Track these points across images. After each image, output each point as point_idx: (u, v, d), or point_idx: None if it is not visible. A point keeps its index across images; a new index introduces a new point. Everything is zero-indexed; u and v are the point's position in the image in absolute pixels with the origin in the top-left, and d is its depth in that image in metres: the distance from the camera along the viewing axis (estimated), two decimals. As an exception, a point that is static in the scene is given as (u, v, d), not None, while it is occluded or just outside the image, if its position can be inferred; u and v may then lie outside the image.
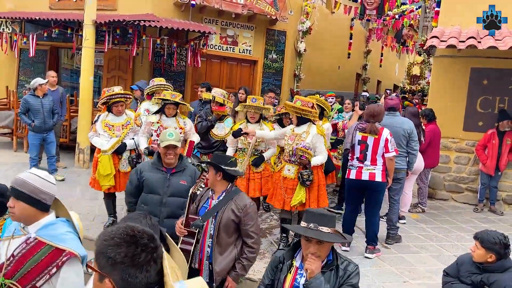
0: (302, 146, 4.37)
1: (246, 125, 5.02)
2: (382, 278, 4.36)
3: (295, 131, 4.59)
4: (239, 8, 9.67)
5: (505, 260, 3.09)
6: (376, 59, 18.45)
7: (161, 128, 4.77)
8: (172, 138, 3.44)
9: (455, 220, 6.43)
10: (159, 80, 5.91)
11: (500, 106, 7.03)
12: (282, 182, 4.61)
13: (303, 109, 4.44)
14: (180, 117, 5.00)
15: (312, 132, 4.50)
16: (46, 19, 8.33)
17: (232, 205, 2.99)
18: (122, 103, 5.09)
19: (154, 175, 3.54)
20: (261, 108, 5.01)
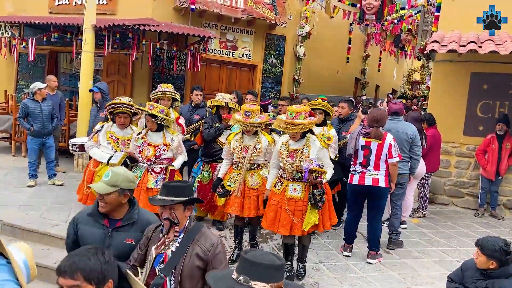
0: (316, 165, 3.89)
1: (241, 137, 4.45)
2: (384, 283, 4.33)
3: (291, 147, 4.02)
4: (239, 13, 9.67)
5: (508, 266, 3.06)
6: (375, 64, 18.49)
7: (145, 144, 4.33)
8: (104, 180, 2.63)
9: (456, 225, 6.41)
10: (165, 86, 5.63)
11: (500, 110, 7.03)
12: (287, 204, 4.00)
13: (306, 123, 3.85)
14: (168, 132, 4.42)
15: (315, 145, 3.99)
16: (45, 23, 8.30)
17: (196, 248, 2.42)
18: (127, 116, 4.67)
19: (91, 230, 2.69)
20: (255, 124, 4.28)
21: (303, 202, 3.98)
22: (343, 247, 4.99)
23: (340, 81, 14.95)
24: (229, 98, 5.31)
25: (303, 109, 3.92)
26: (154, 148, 4.30)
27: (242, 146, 4.38)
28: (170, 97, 5.54)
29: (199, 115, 6.08)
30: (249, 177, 4.41)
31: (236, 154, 4.41)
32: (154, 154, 4.29)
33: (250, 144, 4.36)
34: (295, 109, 3.91)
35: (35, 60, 9.17)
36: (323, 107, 5.16)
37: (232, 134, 4.58)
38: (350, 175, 4.82)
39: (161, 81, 9.35)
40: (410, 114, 6.24)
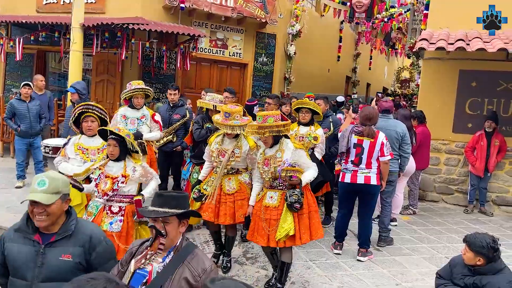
0: (287, 165, 3.68)
1: (222, 140, 4.17)
2: (374, 281, 4.34)
3: (266, 154, 3.82)
4: (229, 11, 9.64)
5: (495, 263, 3.08)
6: (366, 62, 18.57)
7: (102, 176, 3.59)
8: (42, 189, 2.22)
9: (445, 222, 6.45)
10: (136, 83, 5.39)
11: (488, 108, 7.09)
12: (263, 213, 3.79)
13: (278, 125, 3.68)
14: (131, 161, 3.66)
15: (288, 148, 3.77)
16: (33, 22, 8.22)
17: (186, 272, 2.09)
18: (94, 119, 4.07)
19: (19, 249, 2.28)
20: (233, 127, 3.99)
21: (278, 211, 3.72)
22: (334, 245, 5.00)
23: (331, 80, 14.99)
24: (219, 99, 5.10)
25: (272, 113, 3.79)
26: (111, 181, 3.56)
27: (220, 150, 4.10)
28: (144, 94, 5.34)
29: (179, 115, 5.94)
30: (226, 182, 4.13)
31: (214, 158, 4.12)
32: (111, 188, 3.54)
33: (229, 148, 4.08)
34: (263, 113, 3.81)
35: (23, 59, 9.08)
36: (309, 106, 5.09)
37: (214, 136, 4.30)
38: (341, 173, 4.82)
39: (151, 80, 9.33)
40: (400, 111, 6.26)
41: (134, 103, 5.31)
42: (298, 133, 5.14)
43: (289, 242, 3.72)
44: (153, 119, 5.35)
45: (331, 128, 5.61)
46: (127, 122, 5.25)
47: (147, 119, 5.32)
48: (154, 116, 5.38)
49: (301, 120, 5.18)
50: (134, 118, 5.29)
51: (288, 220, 3.65)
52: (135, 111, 5.31)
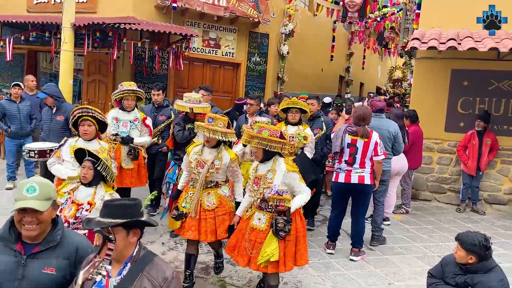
0: (275, 192, 3.36)
1: (201, 150, 3.88)
2: (367, 280, 4.34)
3: (258, 172, 3.59)
4: (221, 11, 9.61)
5: (487, 261, 3.09)
6: (359, 62, 18.60)
7: (69, 201, 3.31)
8: (32, 196, 2.08)
9: (438, 221, 6.47)
10: (128, 84, 5.14)
11: (480, 107, 7.13)
12: (248, 233, 3.55)
13: (272, 140, 3.43)
14: (102, 188, 3.35)
15: (280, 169, 3.49)
16: (23, 22, 8.14)
17: (145, 282, 2.00)
18: (90, 123, 3.97)
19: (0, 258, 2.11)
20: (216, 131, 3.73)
21: (264, 234, 3.47)
22: (327, 244, 4.99)
23: (325, 79, 14.99)
24: (197, 99, 4.83)
25: (270, 127, 3.60)
26: (76, 207, 3.28)
27: (199, 160, 3.81)
28: (135, 97, 5.12)
29: (164, 116, 5.75)
30: (205, 197, 3.83)
31: (192, 169, 3.83)
32: (74, 215, 3.25)
33: (209, 159, 3.79)
34: (261, 124, 3.65)
35: (13, 60, 8.99)
36: (300, 106, 5.05)
37: (193, 145, 4.05)
38: (335, 173, 4.82)
39: (143, 80, 9.28)
40: (393, 111, 6.28)
41: (124, 105, 5.09)
42: (287, 133, 4.97)
43: (271, 268, 3.45)
44: (144, 123, 5.17)
45: (324, 128, 5.57)
46: (119, 125, 5.05)
47: (139, 122, 5.15)
48: (145, 120, 5.20)
49: (291, 120, 5.10)
50: (126, 121, 5.09)
51: (272, 245, 3.41)
52: (127, 113, 5.12)
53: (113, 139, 4.99)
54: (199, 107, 4.77)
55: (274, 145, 3.46)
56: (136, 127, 5.11)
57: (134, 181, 5.09)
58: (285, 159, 3.60)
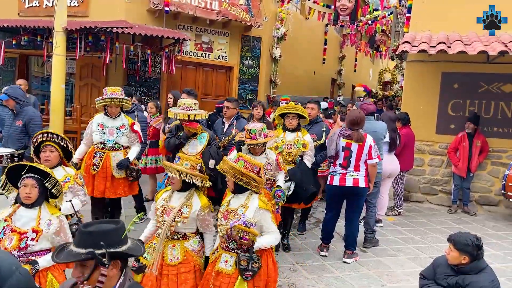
0: (242, 222, 3.01)
1: (170, 196, 3.36)
2: (360, 282, 4.37)
3: (230, 205, 3.21)
4: (214, 15, 9.65)
5: (479, 262, 3.13)
6: (351, 64, 18.72)
7: (7, 230, 2.76)
8: None
9: (430, 222, 6.53)
10: (111, 90, 4.66)
11: (470, 109, 7.22)
12: (213, 278, 3.11)
13: (244, 174, 3.10)
14: (46, 210, 2.88)
15: (253, 205, 3.12)
16: (15, 26, 8.11)
17: None
18: (53, 149, 3.51)
19: None
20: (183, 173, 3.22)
21: (232, 279, 3.05)
22: (320, 247, 5.02)
23: (317, 82, 15.08)
24: (188, 105, 4.50)
25: (250, 160, 3.21)
26: (18, 237, 2.76)
27: (166, 207, 3.27)
28: (119, 104, 4.68)
29: None
30: (169, 250, 3.26)
31: (157, 216, 3.29)
32: (18, 245, 2.74)
33: (176, 205, 3.26)
34: (241, 154, 3.36)
35: (5, 64, 8.96)
36: (296, 111, 4.80)
37: (162, 190, 3.52)
38: (329, 176, 4.83)
39: (136, 83, 9.27)
40: (386, 114, 6.34)
41: (108, 112, 4.68)
42: (285, 140, 4.82)
43: None
44: (132, 129, 4.76)
45: (322, 138, 5.26)
46: (105, 132, 4.67)
47: (127, 128, 4.74)
48: (133, 125, 4.77)
49: (288, 126, 4.86)
50: (113, 128, 4.68)
51: None
52: (113, 119, 4.70)
53: (101, 148, 4.66)
54: (194, 113, 4.47)
55: (245, 180, 3.12)
56: (124, 134, 4.73)
57: (127, 189, 4.85)
58: (260, 196, 3.23)
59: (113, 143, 4.68)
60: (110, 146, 4.68)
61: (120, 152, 4.72)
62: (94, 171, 4.61)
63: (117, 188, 4.73)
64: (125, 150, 4.77)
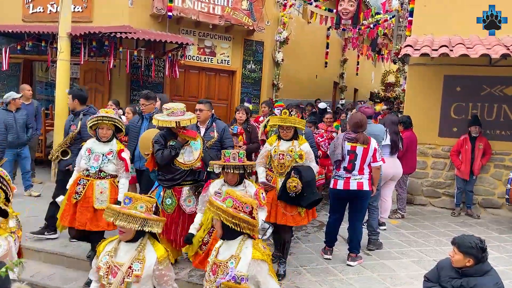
0: (230, 277, 2.56)
1: (116, 249, 2.75)
2: (364, 285, 4.38)
3: (219, 256, 2.72)
4: (216, 19, 9.71)
5: (483, 264, 3.14)
6: (353, 68, 18.76)
7: None
8: None
9: (433, 225, 6.53)
10: (104, 111, 4.35)
11: (473, 112, 7.23)
12: None
13: (234, 216, 2.59)
14: None
15: (246, 256, 2.61)
16: (19, 31, 8.18)
17: None
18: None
19: None
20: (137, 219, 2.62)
21: None
22: (324, 250, 5.03)
23: (319, 85, 15.11)
24: (181, 109, 4.17)
25: (240, 198, 2.69)
26: None
27: (111, 265, 2.64)
28: (112, 125, 4.28)
29: (76, 126, 4.97)
30: None
31: (101, 278, 2.66)
32: None
33: (125, 261, 2.63)
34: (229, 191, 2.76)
35: (9, 69, 9.02)
36: (290, 124, 4.33)
37: (105, 242, 2.81)
38: (333, 180, 4.82)
39: (140, 88, 9.32)
40: (389, 117, 6.36)
41: (99, 134, 4.29)
42: (278, 150, 4.38)
43: None
44: (119, 156, 4.30)
45: None
46: (91, 158, 4.26)
47: (114, 155, 4.29)
48: (121, 152, 4.32)
49: (283, 137, 4.44)
50: (99, 154, 4.26)
51: None
52: (103, 144, 4.30)
53: (86, 175, 4.28)
54: (185, 119, 4.09)
55: (236, 223, 2.59)
56: (110, 161, 4.29)
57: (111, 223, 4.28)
58: (255, 242, 2.70)
59: (97, 170, 4.24)
60: (94, 173, 4.25)
61: (106, 181, 4.27)
62: (75, 199, 4.22)
63: (100, 220, 4.13)
64: (112, 179, 4.32)
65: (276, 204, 4.32)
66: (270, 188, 4.38)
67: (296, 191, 4.14)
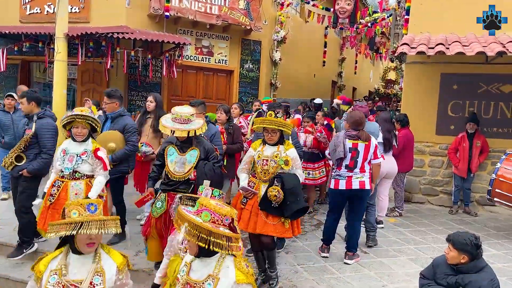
0: None
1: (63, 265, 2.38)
2: (361, 283, 4.39)
3: (191, 274, 2.33)
4: (214, 19, 9.72)
5: (478, 261, 3.15)
6: (351, 67, 18.76)
7: None
8: None
9: (431, 223, 6.55)
10: (79, 110, 4.15)
11: (470, 109, 7.24)
12: None
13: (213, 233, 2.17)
14: None
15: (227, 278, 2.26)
16: (16, 32, 8.18)
17: None
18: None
19: None
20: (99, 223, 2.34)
21: None
22: (321, 248, 5.03)
23: (317, 85, 15.12)
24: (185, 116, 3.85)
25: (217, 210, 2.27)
26: None
27: (65, 284, 2.33)
28: (87, 124, 4.11)
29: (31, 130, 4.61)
30: None
31: None
32: None
33: (84, 278, 2.35)
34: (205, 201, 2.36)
35: (7, 70, 9.02)
36: (275, 126, 3.99)
37: (45, 260, 2.43)
38: (333, 180, 4.77)
39: (137, 88, 9.33)
40: (381, 115, 6.38)
41: (73, 133, 4.13)
42: (262, 155, 4.06)
43: None
44: (95, 155, 4.14)
45: None
46: (65, 159, 4.13)
47: (88, 155, 4.14)
48: (97, 151, 4.16)
49: (268, 141, 4.08)
50: (73, 154, 4.12)
51: None
52: (78, 144, 4.15)
53: (61, 176, 4.15)
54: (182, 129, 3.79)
55: (215, 241, 2.17)
56: (85, 161, 4.13)
57: None
58: (236, 259, 2.32)
59: (71, 171, 4.10)
60: (68, 175, 4.11)
61: (81, 182, 4.14)
62: (49, 202, 4.10)
63: None
64: (88, 179, 4.18)
65: (257, 212, 3.96)
66: (251, 195, 4.05)
67: (277, 200, 3.82)
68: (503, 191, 5.71)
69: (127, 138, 4.85)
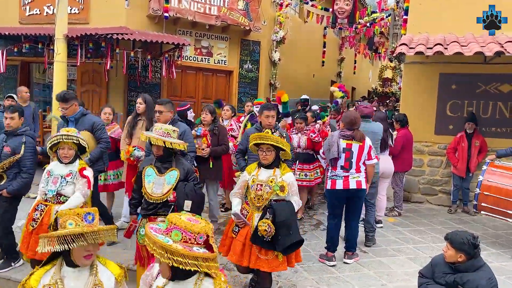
0: None
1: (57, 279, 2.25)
2: (360, 282, 4.42)
3: None
4: (213, 20, 9.74)
5: (475, 260, 3.18)
6: (350, 66, 18.80)
7: None
8: None
9: (430, 222, 6.57)
10: (66, 130, 3.92)
11: (468, 109, 7.27)
12: None
13: (186, 256, 1.96)
14: None
15: None
16: (16, 34, 8.20)
17: None
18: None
19: None
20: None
21: None
22: (327, 256, 4.85)
23: (316, 85, 15.15)
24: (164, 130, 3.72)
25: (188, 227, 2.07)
26: None
27: None
28: (73, 145, 3.88)
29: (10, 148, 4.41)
30: None
31: None
32: None
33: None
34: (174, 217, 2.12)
35: (7, 71, 9.02)
36: (271, 142, 3.65)
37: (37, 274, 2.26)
38: (330, 180, 4.74)
39: (137, 89, 9.35)
40: (376, 114, 6.38)
41: (59, 155, 3.89)
42: (256, 179, 3.75)
43: None
44: (81, 174, 3.90)
45: None
46: (49, 181, 3.89)
47: (74, 176, 3.88)
48: (83, 170, 3.93)
49: (262, 161, 3.77)
50: (57, 176, 3.87)
51: None
52: (64, 166, 3.90)
53: (44, 199, 3.91)
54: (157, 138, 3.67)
55: (190, 263, 1.96)
56: (69, 183, 3.88)
57: None
58: (216, 281, 2.10)
59: (54, 194, 3.86)
60: (52, 198, 3.87)
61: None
62: (32, 227, 3.85)
63: None
64: None
65: (250, 244, 3.68)
66: (242, 224, 3.76)
67: (268, 235, 3.52)
68: (489, 204, 5.51)
69: (99, 136, 4.74)
